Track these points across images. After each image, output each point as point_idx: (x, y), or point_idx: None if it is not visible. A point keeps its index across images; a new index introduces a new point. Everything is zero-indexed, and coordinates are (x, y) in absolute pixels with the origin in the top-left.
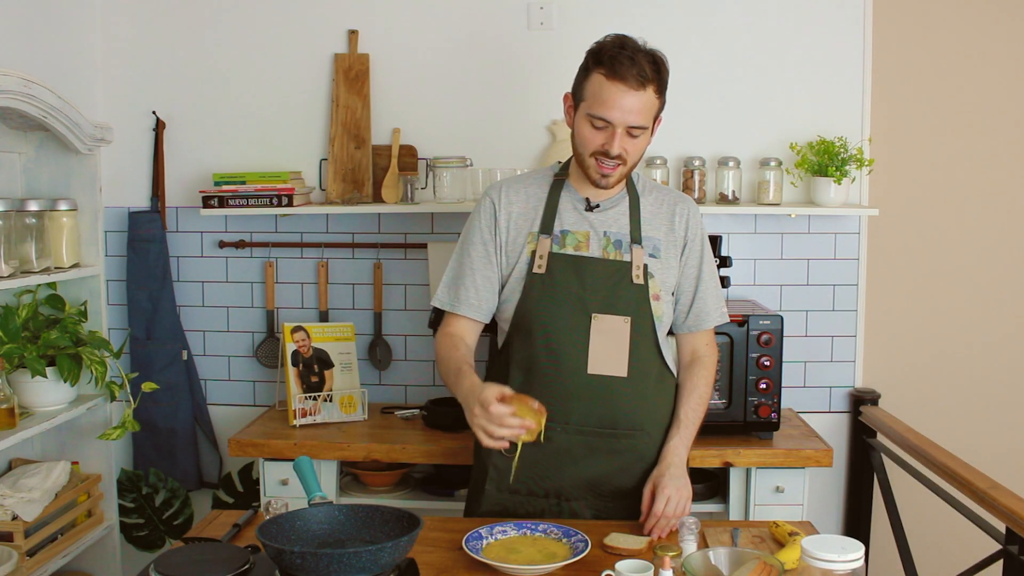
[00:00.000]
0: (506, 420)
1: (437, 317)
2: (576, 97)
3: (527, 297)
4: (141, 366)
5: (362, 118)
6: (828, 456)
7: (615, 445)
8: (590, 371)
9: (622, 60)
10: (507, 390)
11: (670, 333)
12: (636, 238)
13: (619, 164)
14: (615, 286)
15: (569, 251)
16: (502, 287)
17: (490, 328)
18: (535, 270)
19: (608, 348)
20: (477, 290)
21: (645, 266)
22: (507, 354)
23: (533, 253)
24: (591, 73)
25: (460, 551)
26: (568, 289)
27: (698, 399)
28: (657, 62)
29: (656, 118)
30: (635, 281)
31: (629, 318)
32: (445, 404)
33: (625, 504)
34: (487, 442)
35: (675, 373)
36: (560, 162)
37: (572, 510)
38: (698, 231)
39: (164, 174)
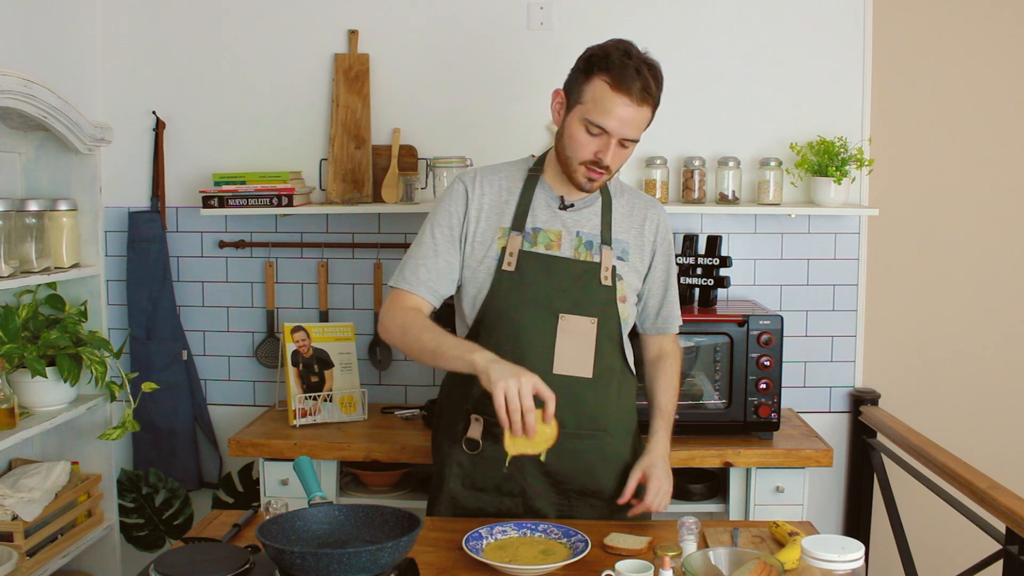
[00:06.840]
0: (530, 406)
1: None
2: (571, 97)
3: (495, 294)
4: (141, 366)
5: (362, 118)
6: (828, 456)
7: (579, 445)
8: (556, 371)
9: (629, 71)
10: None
11: (631, 334)
12: (606, 239)
13: (606, 172)
14: (584, 287)
15: (540, 249)
16: (462, 279)
17: (449, 322)
18: (504, 267)
19: (574, 349)
20: (438, 273)
21: (614, 268)
22: None
23: (503, 249)
24: (593, 77)
25: (460, 551)
26: (537, 288)
27: (674, 390)
28: (658, 77)
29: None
30: (603, 283)
31: (596, 319)
32: None
33: (589, 503)
34: (500, 407)
35: (635, 374)
36: (533, 156)
37: (536, 509)
38: (667, 237)
39: (164, 174)
